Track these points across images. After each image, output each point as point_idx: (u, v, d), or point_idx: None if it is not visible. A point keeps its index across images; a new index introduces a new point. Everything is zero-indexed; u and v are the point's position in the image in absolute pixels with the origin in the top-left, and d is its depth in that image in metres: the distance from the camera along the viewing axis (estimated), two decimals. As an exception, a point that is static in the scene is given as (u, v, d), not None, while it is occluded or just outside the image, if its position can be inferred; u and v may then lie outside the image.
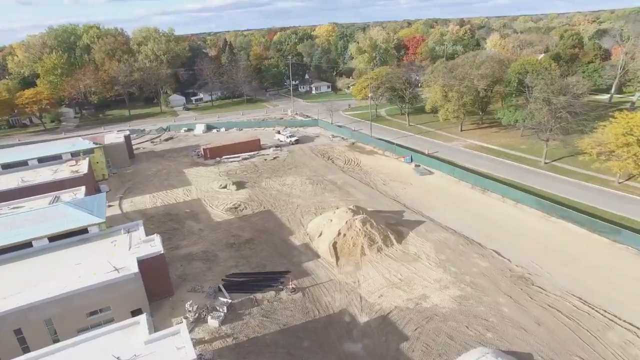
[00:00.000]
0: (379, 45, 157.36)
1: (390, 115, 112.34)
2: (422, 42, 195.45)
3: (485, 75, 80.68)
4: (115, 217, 57.16)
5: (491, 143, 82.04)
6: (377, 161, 76.30)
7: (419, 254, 44.65)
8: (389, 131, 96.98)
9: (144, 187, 67.71)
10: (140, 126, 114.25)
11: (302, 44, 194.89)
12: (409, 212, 54.85)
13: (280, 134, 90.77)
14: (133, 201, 62.34)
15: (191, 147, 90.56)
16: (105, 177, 71.85)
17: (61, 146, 70.79)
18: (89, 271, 35.31)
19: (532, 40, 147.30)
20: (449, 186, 63.29)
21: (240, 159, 79.78)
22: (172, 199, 62.35)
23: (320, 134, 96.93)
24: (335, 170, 71.98)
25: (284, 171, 72.09)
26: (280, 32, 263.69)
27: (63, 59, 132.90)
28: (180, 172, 73.93)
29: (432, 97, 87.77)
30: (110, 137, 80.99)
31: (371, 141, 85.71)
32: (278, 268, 43.59)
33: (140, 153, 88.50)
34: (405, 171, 70.23)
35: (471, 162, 72.06)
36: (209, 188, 65.52)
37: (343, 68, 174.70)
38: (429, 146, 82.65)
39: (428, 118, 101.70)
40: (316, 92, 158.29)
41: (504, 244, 45.76)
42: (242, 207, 58.38)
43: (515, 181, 62.46)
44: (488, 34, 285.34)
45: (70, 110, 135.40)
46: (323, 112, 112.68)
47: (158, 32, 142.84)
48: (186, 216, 56.38)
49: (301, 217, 54.43)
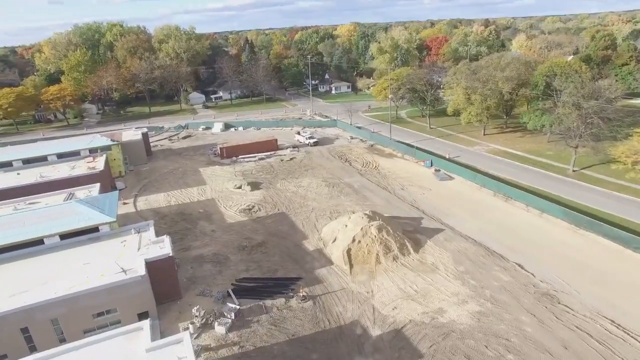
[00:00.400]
0: (401, 46, 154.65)
1: (410, 118, 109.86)
2: (445, 42, 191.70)
3: (511, 78, 77.53)
4: (129, 215, 56.97)
5: (515, 148, 78.90)
6: (395, 164, 74.27)
7: (437, 264, 42.64)
8: (409, 134, 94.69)
9: (160, 185, 67.51)
10: (160, 123, 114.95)
11: (323, 44, 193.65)
12: (428, 219, 52.77)
13: (300, 135, 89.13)
14: (148, 199, 62.12)
15: (208, 145, 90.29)
16: (121, 174, 72.04)
17: (80, 142, 71.28)
18: (96, 272, 34.73)
19: (561, 41, 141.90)
20: (469, 193, 60.83)
21: (256, 159, 78.93)
22: (186, 198, 61.86)
23: (338, 135, 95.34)
24: (353, 173, 70.30)
25: (300, 172, 70.83)
26: (301, 32, 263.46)
27: (87, 56, 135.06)
28: (196, 171, 73.54)
29: (454, 99, 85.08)
30: (128, 134, 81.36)
31: (390, 144, 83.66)
32: (289, 274, 42.29)
33: (157, 150, 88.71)
34: (424, 176, 68.02)
35: (494, 168, 69.29)
36: (224, 188, 64.80)
37: (364, 68, 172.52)
38: (449, 150, 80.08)
39: (450, 121, 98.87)
40: (336, 92, 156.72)
41: (528, 256, 43.30)
42: (256, 208, 57.35)
43: (540, 189, 59.56)
44: (514, 34, 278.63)
45: (92, 106, 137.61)
46: (342, 113, 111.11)
47: (179, 30, 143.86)
48: (199, 216, 55.70)
49: (315, 220, 53.02)
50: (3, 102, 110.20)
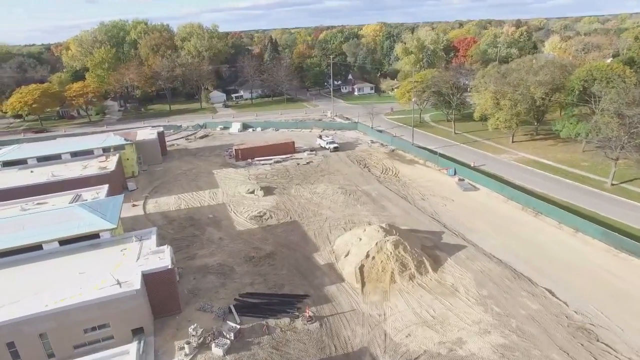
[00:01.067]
0: (427, 47, 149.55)
1: (434, 122, 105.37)
2: (474, 43, 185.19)
3: (544, 82, 72.33)
4: (137, 218, 55.45)
5: (547, 158, 73.71)
6: (417, 172, 70.46)
7: (457, 287, 38.99)
8: (432, 139, 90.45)
9: (171, 187, 65.93)
10: (179, 122, 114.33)
11: (347, 43, 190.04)
12: (449, 233, 49.00)
13: (322, 139, 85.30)
14: (158, 202, 60.53)
15: (225, 146, 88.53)
16: (134, 174, 70.90)
17: (95, 141, 70.53)
18: (91, 283, 32.81)
19: (600, 42, 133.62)
20: (495, 205, 56.57)
21: (272, 161, 76.54)
22: (196, 202, 59.94)
23: (358, 138, 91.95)
24: (371, 179, 66.94)
25: (316, 178, 67.97)
26: (326, 31, 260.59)
27: (111, 53, 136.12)
28: (209, 173, 71.71)
29: (481, 104, 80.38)
30: (143, 133, 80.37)
31: (412, 149, 79.77)
32: (297, 290, 39.50)
33: (173, 150, 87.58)
34: (447, 185, 64.03)
35: (522, 179, 64.64)
36: (236, 192, 62.61)
37: (388, 69, 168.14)
38: (475, 158, 75.62)
39: (476, 126, 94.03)
40: (358, 94, 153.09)
41: (560, 282, 39.10)
42: (268, 215, 54.81)
43: (574, 204, 54.77)
44: (547, 36, 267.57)
45: (114, 103, 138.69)
46: (363, 115, 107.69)
47: (202, 29, 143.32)
48: (208, 222, 53.58)
49: (329, 231, 50.04)
50: (28, 98, 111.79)
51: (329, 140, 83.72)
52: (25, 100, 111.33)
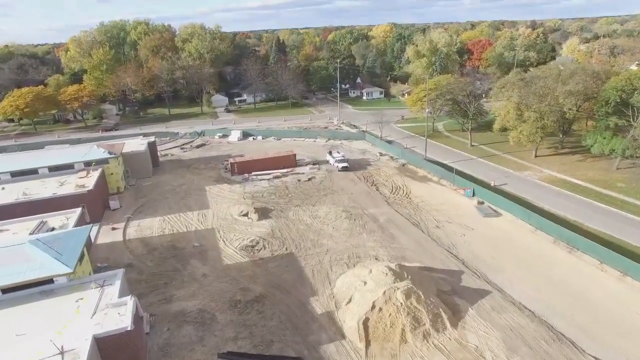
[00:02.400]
0: (440, 49, 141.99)
1: (448, 131, 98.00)
2: (489, 46, 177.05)
3: (575, 92, 64.67)
4: (115, 245, 49.19)
5: (575, 176, 66.09)
6: (430, 191, 63.35)
7: (482, 350, 31.94)
8: (446, 151, 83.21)
9: (157, 206, 59.65)
10: (178, 127, 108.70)
11: (357, 45, 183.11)
12: (469, 274, 41.92)
13: (331, 155, 75.44)
14: (141, 225, 54.22)
15: (221, 157, 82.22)
16: (120, 189, 64.79)
17: (77, 153, 64.49)
18: (29, 350, 26.43)
19: (629, 46, 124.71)
20: (522, 236, 49.28)
21: (271, 177, 69.94)
22: (183, 226, 53.53)
23: (366, 150, 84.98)
24: (379, 201, 60.01)
25: (317, 198, 61.21)
26: (335, 32, 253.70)
27: (109, 55, 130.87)
28: (201, 190, 65.34)
29: (502, 115, 72.82)
30: (132, 143, 74.18)
31: (425, 164, 72.62)
32: (287, 349, 32.78)
33: (166, 161, 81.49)
34: (465, 209, 56.86)
35: (550, 202, 57.26)
36: (228, 215, 56.10)
37: (398, 73, 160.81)
38: (494, 175, 68.36)
39: (493, 137, 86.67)
40: (367, 99, 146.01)
41: (611, 346, 31.86)
42: (260, 245, 48.17)
43: (616, 237, 47.31)
44: (563, 37, 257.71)
45: (112, 107, 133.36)
46: (372, 123, 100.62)
47: (203, 29, 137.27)
48: (193, 253, 47.09)
49: (329, 268, 43.26)
50: (20, 102, 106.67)
51: (338, 158, 73.47)
52: (17, 104, 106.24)
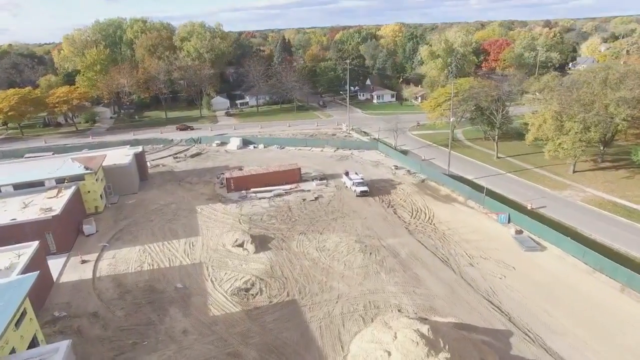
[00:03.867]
0: (456, 49, 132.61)
1: (469, 140, 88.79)
2: (506, 46, 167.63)
3: (629, 100, 55.39)
4: (81, 284, 40.77)
5: (626, 197, 56.89)
6: (457, 215, 54.38)
7: None
8: (469, 164, 74.17)
9: (139, 232, 51.15)
10: (173, 133, 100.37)
11: (365, 45, 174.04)
12: (520, 335, 32.97)
13: (348, 177, 63.95)
14: (116, 257, 45.74)
15: (218, 169, 73.75)
16: (98, 209, 56.44)
17: (49, 168, 56.18)
18: None
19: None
20: (578, 280, 40.19)
21: (272, 194, 61.32)
22: (165, 259, 44.99)
23: (379, 162, 76.01)
24: (398, 227, 51.12)
25: (326, 223, 52.41)
26: (342, 31, 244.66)
27: (104, 55, 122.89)
28: (191, 211, 56.81)
29: (537, 125, 63.55)
30: (116, 155, 65.74)
31: (448, 181, 63.62)
32: None
33: (157, 173, 73.12)
34: (500, 239, 47.86)
35: (604, 233, 48.18)
36: (219, 244, 47.50)
37: (410, 74, 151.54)
38: (529, 195, 59.39)
39: (520, 147, 77.92)
40: (378, 102, 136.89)
41: None
42: (257, 288, 39.49)
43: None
44: (579, 37, 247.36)
45: (106, 110, 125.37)
46: (384, 130, 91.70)
47: (203, 27, 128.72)
48: (174, 298, 38.52)
49: (341, 323, 34.50)
50: (4, 104, 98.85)
51: (356, 180, 61.81)
52: (0, 107, 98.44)
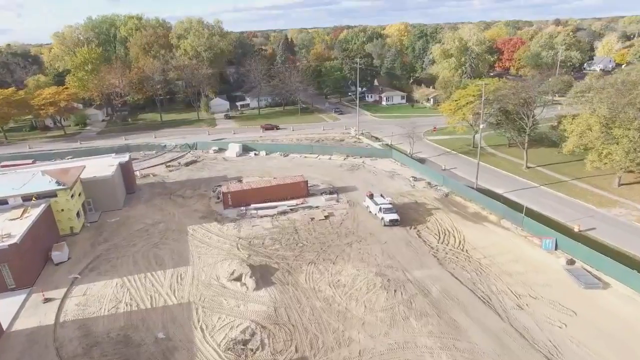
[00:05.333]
0: (471, 48, 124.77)
1: (492, 147, 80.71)
2: (521, 45, 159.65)
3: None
4: (38, 334, 32.89)
5: (687, 218, 48.84)
6: (491, 239, 46.35)
7: None
8: (495, 175, 66.24)
9: (119, 260, 43.26)
10: (168, 138, 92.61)
11: (372, 44, 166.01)
12: (604, 418, 24.98)
13: (372, 201, 52.11)
14: (88, 294, 37.88)
15: (214, 180, 66.00)
16: (74, 230, 48.61)
17: (15, 183, 48.34)
18: None
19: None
20: (657, 330, 32.18)
21: (275, 212, 53.44)
22: (147, 297, 37.08)
23: (394, 172, 68.02)
24: (425, 255, 43.10)
25: (339, 249, 44.41)
26: (346, 30, 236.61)
27: (96, 53, 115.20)
28: (181, 233, 48.90)
29: (580, 132, 55.39)
30: (98, 165, 57.90)
31: (476, 197, 55.58)
32: None
33: (146, 184, 65.35)
34: (550, 272, 39.81)
35: (673, 264, 40.07)
36: (213, 277, 39.60)
37: (421, 75, 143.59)
38: (571, 214, 51.40)
39: (550, 156, 70.73)
40: (387, 104, 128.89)
41: None
42: (257, 340, 31.53)
43: None
44: (589, 36, 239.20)
45: (99, 112, 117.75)
46: (397, 135, 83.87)
47: (201, 24, 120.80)
48: (153, 354, 30.57)
49: (365, 396, 26.56)
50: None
51: (384, 206, 49.69)
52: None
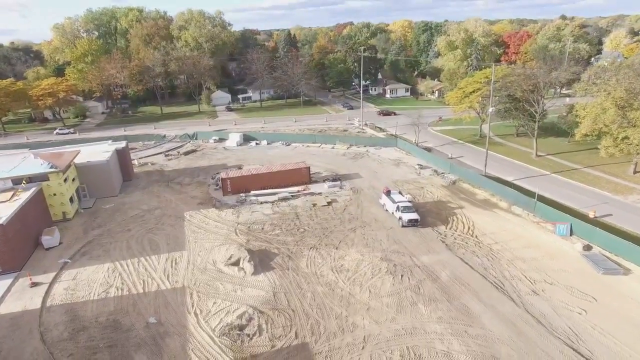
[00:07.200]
0: (477, 40, 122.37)
1: (500, 136, 78.43)
2: (528, 38, 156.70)
3: None
4: (23, 318, 31.02)
5: None
6: (501, 225, 44.15)
7: None
8: (505, 163, 64.04)
9: (112, 244, 41.42)
10: (167, 129, 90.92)
11: (376, 38, 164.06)
12: (633, 408, 22.80)
13: (389, 198, 46.48)
14: (77, 278, 36.02)
15: (214, 168, 64.18)
16: (67, 216, 46.81)
17: (7, 165, 46.59)
18: None
19: None
20: (684, 316, 29.93)
21: (275, 198, 51.47)
22: (139, 282, 35.16)
23: (400, 161, 65.94)
24: (433, 241, 40.97)
25: (342, 234, 42.36)
26: (350, 26, 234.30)
27: (96, 45, 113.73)
28: (178, 218, 47.00)
29: (594, 115, 53.08)
30: (93, 150, 56.13)
31: (485, 184, 53.39)
32: None
33: (144, 172, 63.56)
34: (565, 257, 37.60)
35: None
36: (209, 262, 37.64)
37: (425, 68, 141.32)
38: (586, 200, 49.07)
39: (559, 144, 68.89)
40: (391, 97, 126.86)
41: None
42: (255, 325, 29.54)
43: None
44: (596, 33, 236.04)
45: (98, 104, 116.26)
46: (402, 125, 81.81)
47: (202, 15, 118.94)
48: (143, 339, 28.66)
49: (371, 384, 24.52)
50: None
51: (402, 204, 44.00)
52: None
